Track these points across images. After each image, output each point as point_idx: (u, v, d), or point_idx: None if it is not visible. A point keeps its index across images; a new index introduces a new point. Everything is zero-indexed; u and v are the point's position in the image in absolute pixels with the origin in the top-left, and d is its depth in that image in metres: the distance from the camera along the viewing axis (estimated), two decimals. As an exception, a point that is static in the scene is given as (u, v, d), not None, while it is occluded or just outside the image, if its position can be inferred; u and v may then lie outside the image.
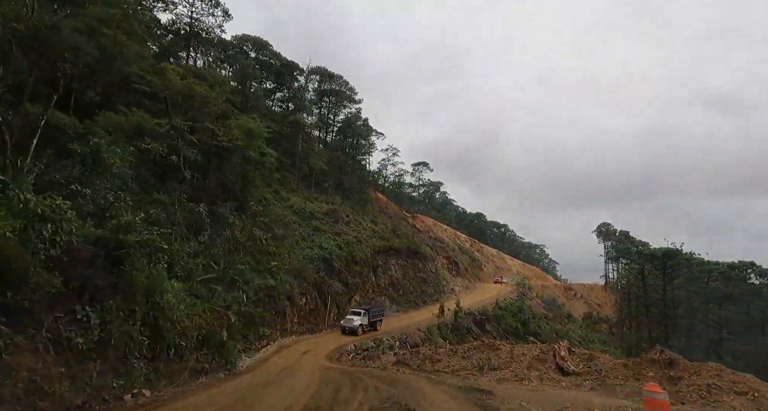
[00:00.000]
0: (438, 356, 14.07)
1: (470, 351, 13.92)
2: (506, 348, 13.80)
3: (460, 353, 13.87)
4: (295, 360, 16.29)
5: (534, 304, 45.91)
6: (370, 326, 26.70)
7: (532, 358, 12.63)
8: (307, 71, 56.49)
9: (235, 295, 21.87)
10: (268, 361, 16.12)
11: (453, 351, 14.31)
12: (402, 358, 14.87)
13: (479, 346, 14.36)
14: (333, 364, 15.65)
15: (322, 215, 36.72)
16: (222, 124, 25.74)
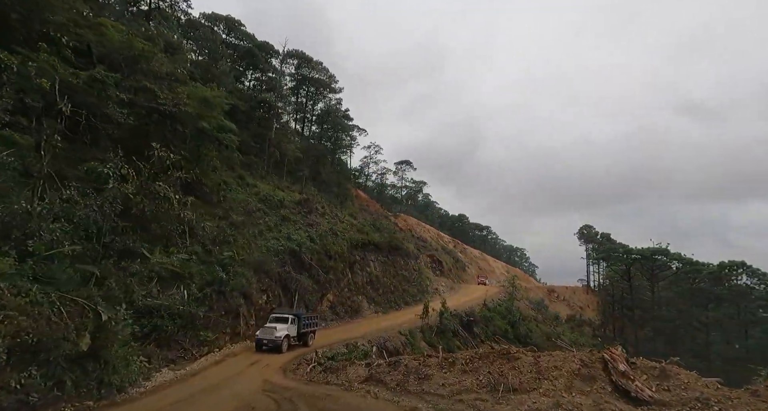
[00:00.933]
0: (427, 369, 10.02)
1: (474, 362, 9.89)
2: (527, 358, 9.78)
3: (460, 365, 9.82)
4: (234, 374, 12.34)
5: (522, 306, 43.12)
6: (300, 339, 19.66)
7: (572, 374, 8.99)
8: (283, 54, 52.30)
9: (173, 292, 17.75)
10: (195, 376, 12.09)
11: (449, 362, 10.14)
12: (376, 372, 10.73)
13: (487, 355, 10.19)
14: (283, 379, 11.78)
15: (293, 205, 32.67)
16: (169, 87, 21.52)
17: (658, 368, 9.35)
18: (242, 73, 49.55)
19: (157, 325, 15.32)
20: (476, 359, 10.17)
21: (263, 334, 17.84)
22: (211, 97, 23.84)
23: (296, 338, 19.39)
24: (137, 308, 15.46)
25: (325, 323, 25.93)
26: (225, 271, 19.89)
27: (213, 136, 24.87)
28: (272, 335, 17.56)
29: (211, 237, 22.16)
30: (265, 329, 18.10)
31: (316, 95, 60.31)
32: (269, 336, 17.59)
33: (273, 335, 17.56)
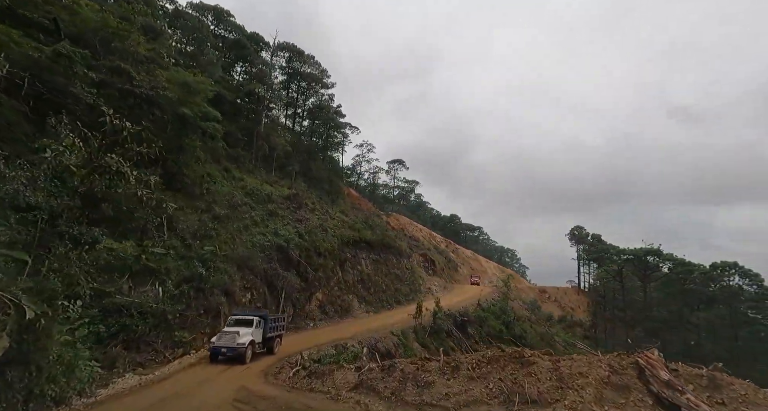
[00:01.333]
0: (427, 375, 8.72)
1: (482, 366, 8.66)
2: (544, 362, 8.53)
3: (465, 370, 8.54)
4: (208, 379, 11.05)
5: (516, 306, 42.36)
6: (264, 346, 16.58)
7: (600, 382, 7.72)
8: (274, 46, 50.82)
9: (146, 289, 16.33)
10: (164, 381, 10.76)
11: (452, 366, 8.88)
12: (367, 378, 9.37)
13: (497, 359, 8.84)
14: (262, 385, 10.51)
15: (281, 199, 31.29)
16: (147, 70, 20.06)
17: (706, 376, 8.11)
18: (231, 64, 47.87)
19: (126, 325, 13.95)
20: (484, 363, 8.87)
21: (222, 340, 14.63)
22: (194, 82, 22.43)
23: (261, 344, 16.32)
24: (104, 306, 14.10)
25: (313, 323, 24.66)
26: (205, 266, 18.53)
27: (196, 124, 23.43)
28: (234, 342, 14.50)
29: (191, 230, 20.77)
30: (225, 335, 14.86)
31: (307, 90, 58.79)
32: (229, 343, 14.51)
33: (235, 342, 14.51)
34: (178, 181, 23.44)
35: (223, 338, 14.70)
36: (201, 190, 24.82)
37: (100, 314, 13.85)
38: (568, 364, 8.73)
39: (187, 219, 21.45)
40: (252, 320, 15.95)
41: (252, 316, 16.26)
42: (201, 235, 20.96)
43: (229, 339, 14.58)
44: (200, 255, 19.11)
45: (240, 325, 15.54)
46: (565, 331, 62.63)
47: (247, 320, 15.93)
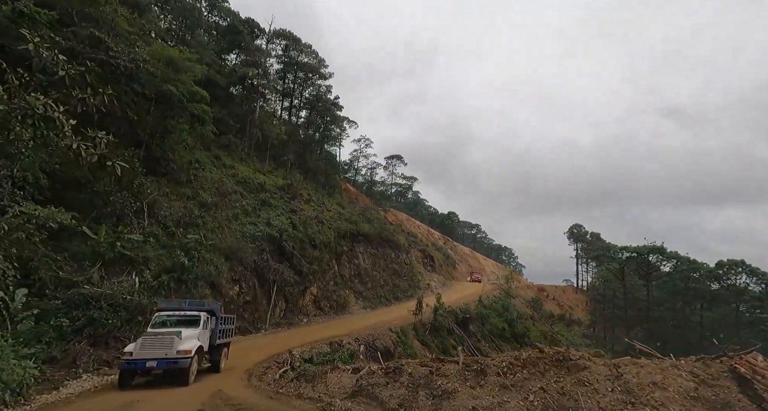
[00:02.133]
0: (444, 381, 6.95)
1: (516, 371, 6.89)
2: (598, 368, 6.87)
3: (494, 376, 6.79)
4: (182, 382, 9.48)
5: (517, 303, 41.09)
6: (209, 355, 11.69)
7: (685, 397, 6.02)
8: (270, 33, 48.94)
9: (122, 279, 14.76)
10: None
11: (475, 370, 7.08)
12: (368, 383, 7.58)
13: (534, 361, 7.03)
14: (242, 389, 8.99)
15: (275, 189, 29.71)
16: (127, 42, 18.35)
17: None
18: (225, 51, 45.91)
19: (94, 319, 12.37)
20: (518, 367, 7.02)
21: (149, 348, 9.37)
22: (179, 59, 20.73)
23: (207, 355, 11.46)
24: (69, 297, 12.54)
25: (306, 319, 23.17)
26: (188, 256, 16.96)
27: (182, 105, 21.73)
28: (171, 349, 9.37)
29: (175, 218, 19.19)
30: (154, 339, 9.60)
31: (304, 81, 56.98)
32: (164, 351, 9.35)
33: (173, 349, 9.40)
34: (163, 166, 21.82)
35: (152, 344, 9.37)
36: (188, 176, 23.18)
37: (64, 306, 12.31)
38: (632, 370, 6.95)
39: (171, 205, 19.87)
40: (197, 318, 10.94)
41: (197, 312, 11.23)
42: (186, 223, 19.39)
43: (164, 345, 9.36)
44: (183, 244, 17.54)
45: (178, 324, 10.73)
46: (564, 330, 61.60)
47: (188, 318, 10.93)
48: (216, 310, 12.22)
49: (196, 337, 10.46)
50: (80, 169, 16.58)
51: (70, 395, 7.77)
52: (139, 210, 17.66)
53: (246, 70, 36.41)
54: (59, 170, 15.64)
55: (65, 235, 14.70)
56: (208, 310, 11.87)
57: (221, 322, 12.27)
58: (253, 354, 14.00)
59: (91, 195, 16.19)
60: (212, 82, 32.14)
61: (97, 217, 15.86)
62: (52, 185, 15.33)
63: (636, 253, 49.30)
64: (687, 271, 47.31)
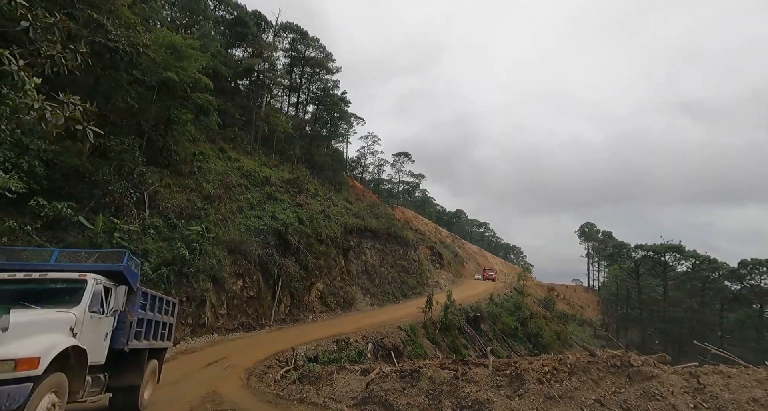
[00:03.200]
0: (473, 388, 5.86)
1: (561, 377, 5.81)
2: (669, 376, 5.64)
3: (535, 383, 5.75)
4: (175, 380, 8.73)
5: (529, 302, 39.89)
6: (112, 374, 5.92)
7: None
8: (277, 26, 48.25)
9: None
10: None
11: (509, 375, 6.03)
12: (380, 389, 6.49)
13: (585, 366, 5.86)
14: (240, 390, 8.22)
15: (281, 182, 28.98)
16: (127, 26, 17.67)
17: None
18: (231, 44, 45.33)
19: (89, 312, 11.69)
20: (564, 373, 5.88)
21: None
22: (182, 45, 20.02)
23: (104, 376, 5.75)
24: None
25: (312, 316, 22.43)
26: (189, 248, 16.26)
27: (185, 95, 21.06)
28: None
29: (176, 209, 18.50)
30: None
31: (311, 76, 56.23)
32: None
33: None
34: (165, 157, 21.21)
35: None
36: (191, 167, 22.56)
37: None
38: (717, 381, 5.52)
39: (174, 197, 19.22)
40: (77, 287, 5.35)
41: (75, 275, 5.52)
42: (188, 215, 18.70)
43: None
44: (185, 236, 16.86)
45: (21, 300, 4.99)
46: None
47: (56, 286, 5.47)
48: (128, 273, 6.22)
49: (63, 329, 4.69)
50: (79, 157, 16.09)
51: None
52: (139, 201, 17.04)
53: (252, 61, 35.77)
54: (57, 159, 15.09)
55: (62, 226, 14.14)
56: (106, 271, 5.90)
57: (147, 303, 6.86)
58: (256, 351, 13.26)
59: (90, 184, 15.57)
60: (217, 73, 31.57)
61: (96, 208, 15.24)
62: (50, 174, 14.78)
63: (652, 252, 47.65)
64: (706, 271, 45.58)
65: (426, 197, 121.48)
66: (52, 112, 4.48)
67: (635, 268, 52.55)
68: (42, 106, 4.37)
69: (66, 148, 15.64)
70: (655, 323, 55.12)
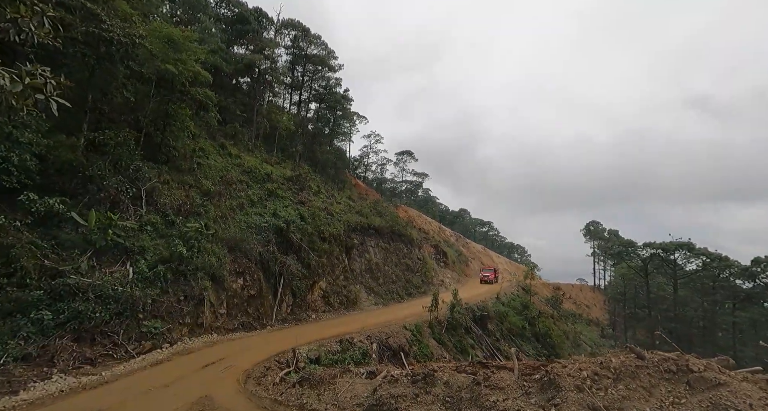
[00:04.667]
0: (499, 396, 5.06)
1: (604, 384, 4.94)
2: (741, 385, 4.91)
3: (572, 392, 4.85)
4: (166, 384, 8.17)
5: (536, 301, 39.12)
6: None
7: None
8: (278, 23, 47.70)
9: (114, 269, 13.59)
10: (106, 386, 7.91)
11: (540, 380, 5.24)
12: (388, 394, 5.70)
13: (632, 371, 5.10)
14: (234, 396, 7.61)
15: (282, 180, 28.45)
16: (123, 17, 17.15)
17: None
18: (232, 41, 44.85)
19: (80, 312, 11.19)
20: (607, 379, 4.95)
21: None
22: (180, 37, 19.50)
23: None
24: (53, 288, 11.37)
25: (315, 315, 21.83)
26: (188, 245, 15.71)
27: (184, 89, 20.55)
28: None
29: (175, 206, 17.98)
30: None
31: (313, 74, 55.69)
32: None
33: None
34: (164, 153, 20.70)
35: None
36: (191, 164, 22.05)
37: (47, 297, 11.15)
38: None
39: (172, 193, 18.70)
40: None
41: None
42: (186, 212, 18.18)
43: None
44: (183, 233, 16.31)
45: None
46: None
47: None
48: None
49: None
50: (73, 151, 15.58)
51: (23, 401, 6.52)
52: (136, 197, 16.53)
53: (253, 57, 35.22)
54: (50, 153, 14.60)
55: (54, 222, 13.62)
56: None
57: None
58: (255, 352, 12.66)
59: (84, 180, 15.06)
60: (218, 69, 31.09)
61: (90, 203, 14.72)
62: (43, 169, 14.28)
63: (661, 250, 46.64)
64: (717, 269, 44.53)
65: (429, 196, 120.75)
66: (11, 80, 3.97)
67: (643, 266, 51.52)
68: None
69: (60, 142, 15.16)
70: (663, 323, 54.10)
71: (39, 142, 14.09)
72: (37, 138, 14.04)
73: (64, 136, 15.61)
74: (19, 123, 13.98)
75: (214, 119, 23.78)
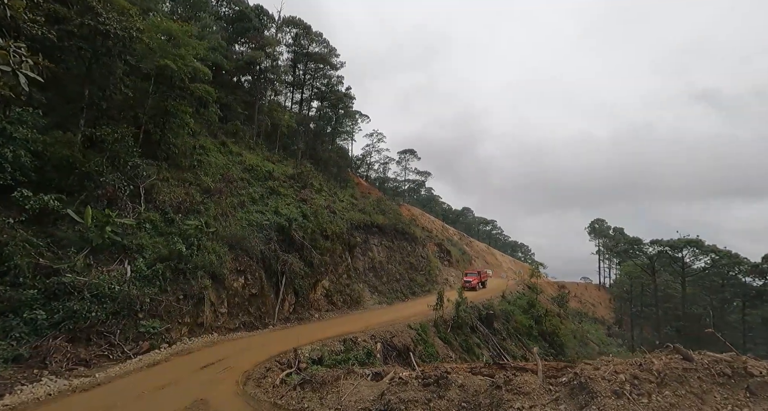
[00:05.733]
0: (525, 402, 4.40)
1: (646, 389, 4.24)
2: None
3: (610, 398, 4.12)
4: (160, 386, 7.77)
5: (542, 299, 38.54)
6: None
7: None
8: (279, 21, 47.36)
9: (112, 268, 13.24)
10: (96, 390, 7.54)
11: (568, 384, 4.58)
12: (397, 399, 5.21)
13: (678, 374, 4.38)
14: (230, 399, 7.21)
15: (284, 177, 28.07)
16: (120, 11, 16.79)
17: None
18: (233, 39, 44.50)
19: (75, 311, 10.84)
20: (649, 383, 4.36)
21: None
22: (179, 32, 19.14)
23: None
24: (47, 286, 11.03)
25: (318, 314, 21.44)
26: (187, 243, 15.36)
27: (184, 85, 20.19)
28: None
29: (174, 203, 17.63)
30: None
31: (315, 72, 55.29)
32: None
33: None
34: (163, 150, 20.35)
35: None
36: (191, 161, 21.69)
37: (41, 297, 10.81)
38: None
39: (172, 191, 18.35)
40: None
41: None
42: (186, 209, 17.84)
43: None
44: (182, 231, 15.96)
45: None
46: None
47: None
48: None
49: None
50: (69, 148, 15.25)
51: (4, 407, 6.15)
52: (134, 194, 16.19)
53: (254, 54, 34.84)
54: (46, 149, 14.28)
55: (50, 219, 13.30)
56: None
57: None
58: (257, 352, 12.27)
59: (81, 176, 14.71)
60: (218, 67, 30.74)
61: (87, 201, 14.40)
62: (39, 166, 13.96)
63: (669, 247, 45.88)
64: (727, 266, 43.73)
65: (432, 195, 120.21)
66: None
67: (650, 264, 50.77)
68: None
69: (56, 138, 14.85)
70: (670, 321, 53.36)
71: (35, 138, 13.77)
72: (33, 134, 13.72)
73: (60, 132, 15.31)
74: (15, 119, 13.69)
75: (214, 115, 23.45)
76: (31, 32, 12.60)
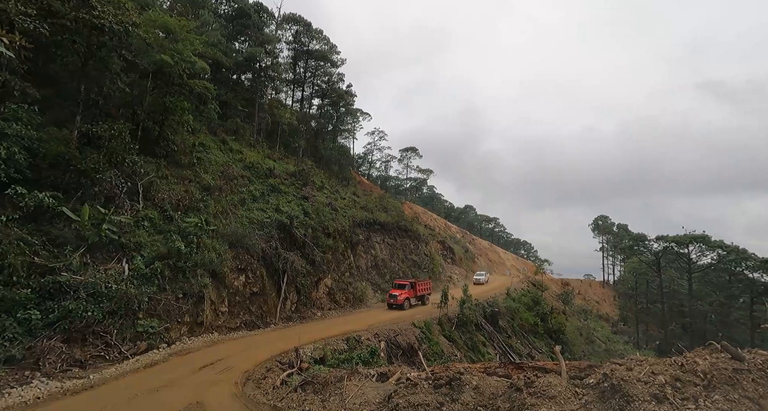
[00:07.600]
0: (552, 407, 3.85)
1: (689, 391, 3.64)
2: None
3: (648, 403, 3.49)
4: (155, 389, 7.45)
5: (547, 296, 38.12)
6: None
7: None
8: (279, 18, 46.96)
9: (110, 266, 12.94)
10: (89, 392, 7.23)
11: (599, 388, 3.97)
12: (408, 403, 4.63)
13: (727, 376, 3.78)
14: (228, 401, 6.89)
15: (285, 175, 27.73)
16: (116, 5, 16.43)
17: None
18: (233, 37, 44.13)
19: (70, 311, 10.55)
20: (692, 385, 3.87)
21: None
22: (176, 27, 18.79)
23: None
24: (42, 286, 10.74)
25: (321, 313, 21.14)
26: (186, 241, 15.05)
27: (182, 82, 19.84)
28: None
29: (173, 201, 17.31)
30: None
31: (315, 69, 54.87)
32: None
33: None
34: (162, 147, 20.04)
35: None
36: (190, 158, 21.38)
37: (36, 296, 10.52)
38: None
39: (171, 188, 18.04)
40: None
41: None
42: (185, 207, 17.54)
43: None
44: (181, 228, 15.66)
45: None
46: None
47: None
48: None
49: None
50: (65, 144, 14.96)
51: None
52: (132, 191, 15.89)
53: (254, 50, 34.48)
54: (41, 146, 13.98)
55: (45, 217, 13.01)
56: None
57: None
58: (258, 352, 11.95)
59: (77, 173, 14.40)
60: (218, 65, 30.38)
61: (84, 198, 14.10)
62: (34, 163, 13.67)
63: (675, 243, 45.30)
64: (734, 262, 43.12)
65: (434, 194, 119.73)
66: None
67: (656, 260, 50.19)
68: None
69: (52, 134, 14.54)
70: (677, 318, 52.82)
71: (29, 134, 13.47)
72: (28, 131, 13.41)
73: (56, 128, 15.02)
74: (9, 115, 13.40)
75: (213, 112, 23.12)
76: (23, 26, 12.32)
